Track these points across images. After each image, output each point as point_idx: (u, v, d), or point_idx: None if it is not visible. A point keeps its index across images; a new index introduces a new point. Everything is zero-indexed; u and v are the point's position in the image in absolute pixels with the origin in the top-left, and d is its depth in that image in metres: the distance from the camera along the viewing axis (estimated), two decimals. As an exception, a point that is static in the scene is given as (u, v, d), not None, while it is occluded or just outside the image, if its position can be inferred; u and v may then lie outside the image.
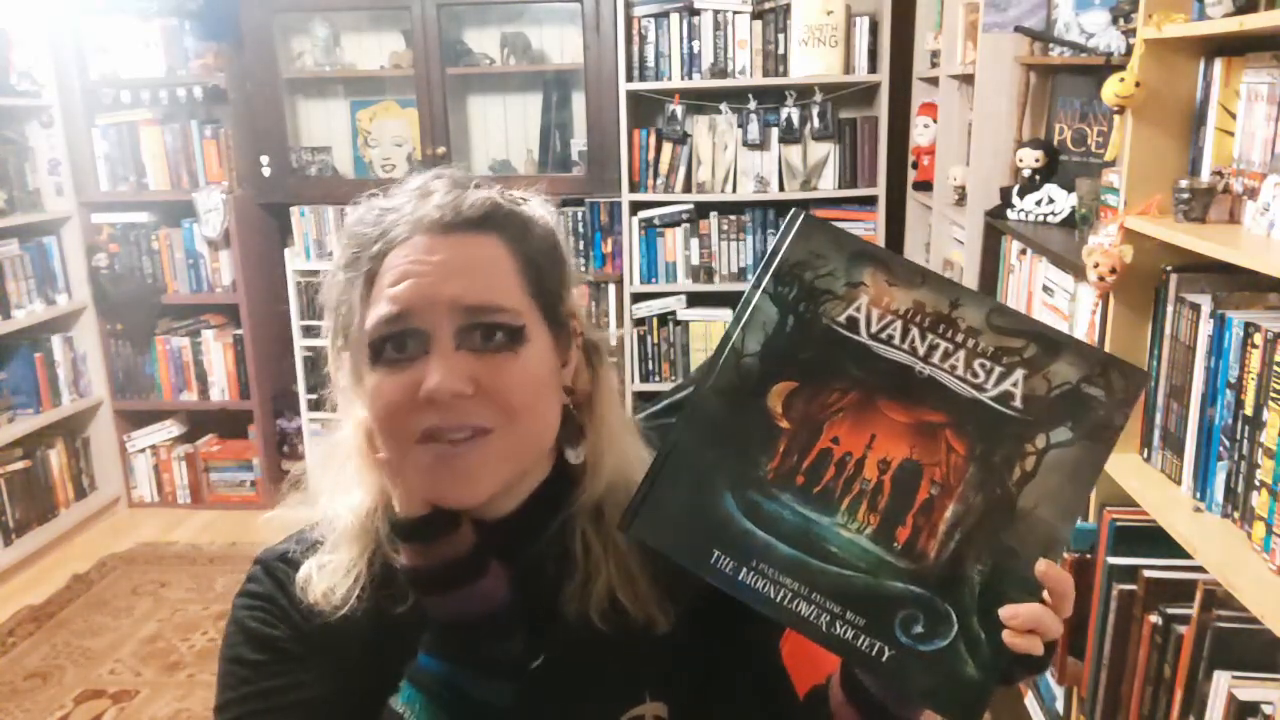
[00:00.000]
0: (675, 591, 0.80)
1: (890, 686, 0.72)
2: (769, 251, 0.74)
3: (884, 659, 0.68)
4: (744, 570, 0.69)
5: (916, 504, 0.69)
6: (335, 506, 0.81)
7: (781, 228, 0.74)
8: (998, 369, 0.70)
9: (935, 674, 0.67)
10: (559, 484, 0.81)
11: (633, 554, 0.80)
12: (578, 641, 0.79)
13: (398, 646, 0.76)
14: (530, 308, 0.76)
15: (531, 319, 0.75)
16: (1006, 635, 0.66)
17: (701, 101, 3.51)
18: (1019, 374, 0.70)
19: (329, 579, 0.78)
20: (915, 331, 0.71)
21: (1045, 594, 0.67)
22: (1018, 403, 0.69)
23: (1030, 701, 2.10)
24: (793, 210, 0.75)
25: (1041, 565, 0.67)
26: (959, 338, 0.71)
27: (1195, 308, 1.50)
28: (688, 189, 3.58)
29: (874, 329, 0.71)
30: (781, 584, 0.69)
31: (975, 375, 0.70)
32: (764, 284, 0.73)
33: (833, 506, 0.70)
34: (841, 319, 0.72)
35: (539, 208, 0.81)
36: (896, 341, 0.71)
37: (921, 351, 0.71)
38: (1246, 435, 1.36)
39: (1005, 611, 0.67)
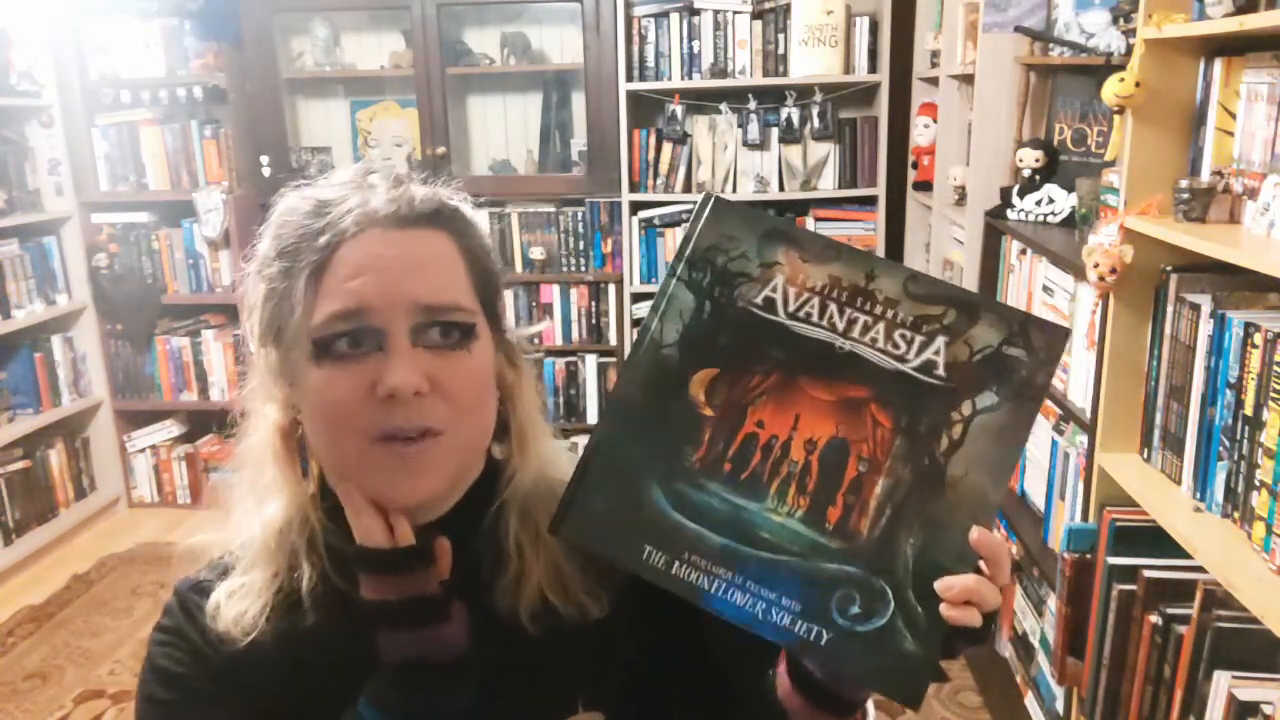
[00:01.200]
0: (606, 579, 0.79)
1: (831, 669, 0.71)
2: (682, 238, 0.73)
3: (823, 642, 0.67)
4: (676, 564, 0.69)
5: (845, 482, 0.68)
6: (250, 523, 0.78)
7: (693, 214, 0.73)
8: (918, 338, 0.69)
9: (875, 653, 0.67)
10: (489, 481, 0.81)
11: (560, 547, 0.78)
12: (508, 649, 0.77)
13: (312, 669, 0.75)
14: (477, 305, 0.75)
15: (479, 317, 0.75)
16: (943, 608, 0.65)
17: (701, 101, 3.51)
18: (940, 341, 0.69)
19: (239, 604, 0.76)
20: (833, 307, 0.70)
21: (981, 563, 0.66)
22: (941, 371, 0.69)
23: (1030, 701, 2.10)
24: (703, 194, 0.75)
25: (974, 533, 0.66)
26: (877, 309, 0.70)
27: (1195, 308, 1.50)
28: (688, 189, 3.58)
29: (791, 308, 0.71)
30: (714, 574, 0.68)
31: (896, 346, 0.69)
32: (678, 271, 0.72)
33: (761, 492, 0.69)
34: (758, 300, 0.71)
35: (469, 205, 0.79)
36: (815, 319, 0.70)
37: (841, 327, 0.70)
38: (1246, 435, 1.36)
39: (940, 584, 0.66)
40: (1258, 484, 1.32)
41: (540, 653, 0.77)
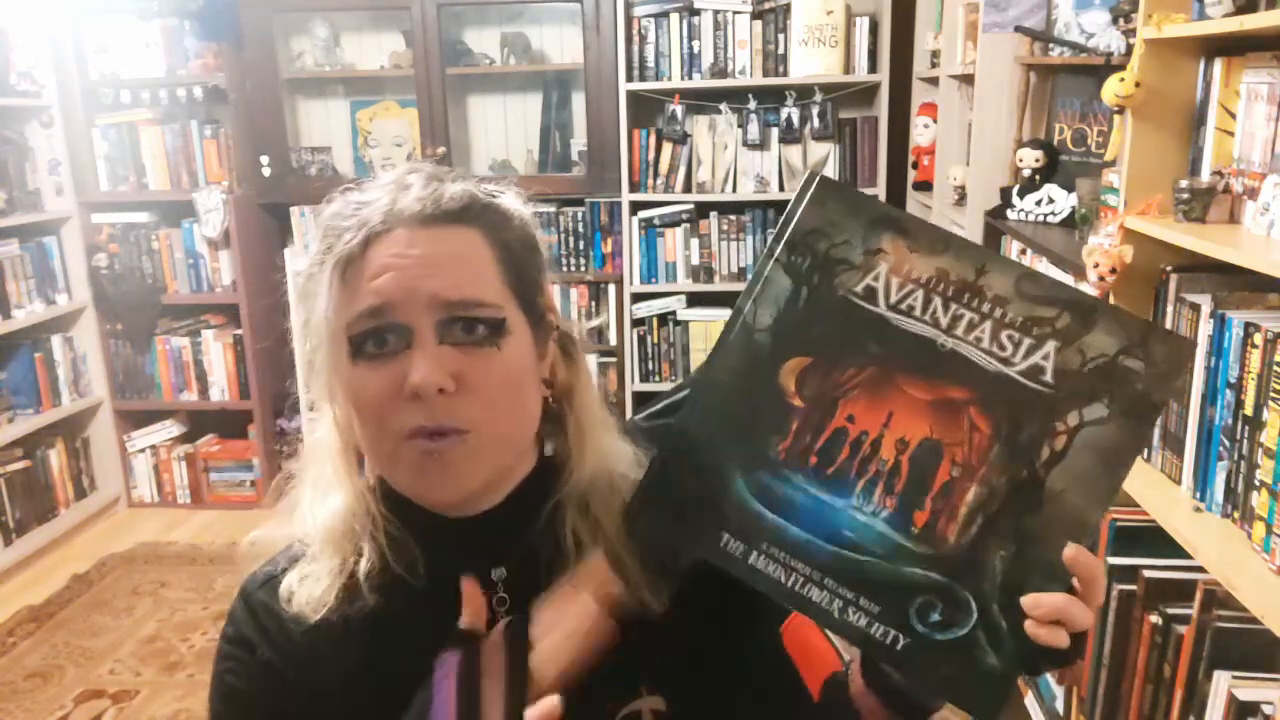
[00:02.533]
0: (667, 571, 0.79)
1: (906, 676, 0.69)
2: (782, 218, 0.70)
3: (899, 647, 0.65)
4: (754, 553, 0.67)
5: (936, 486, 0.66)
6: (314, 514, 0.80)
7: (796, 192, 0.69)
8: (1027, 341, 0.65)
9: (953, 664, 0.65)
10: (544, 477, 0.81)
11: (621, 540, 0.78)
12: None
13: (374, 655, 0.76)
14: (509, 300, 0.75)
15: (511, 311, 0.75)
16: (1029, 625, 0.63)
17: (701, 101, 3.51)
18: (1050, 346, 0.65)
19: (310, 588, 0.77)
20: (938, 301, 0.67)
21: (1074, 582, 0.64)
22: (1048, 377, 0.65)
23: (1030, 701, 2.09)
24: (808, 172, 0.71)
25: (1070, 551, 0.63)
26: (985, 307, 0.66)
27: (1195, 308, 1.50)
28: (688, 189, 3.58)
29: (893, 300, 0.67)
30: (793, 568, 0.67)
31: (1002, 348, 0.66)
32: (776, 253, 0.69)
33: (847, 488, 0.67)
34: (858, 289, 0.67)
35: (514, 199, 0.80)
36: (918, 313, 0.67)
37: (944, 323, 0.66)
38: (1246, 435, 1.36)
39: (1028, 600, 0.63)
40: (1258, 484, 1.32)
41: None
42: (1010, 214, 2.41)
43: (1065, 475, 0.65)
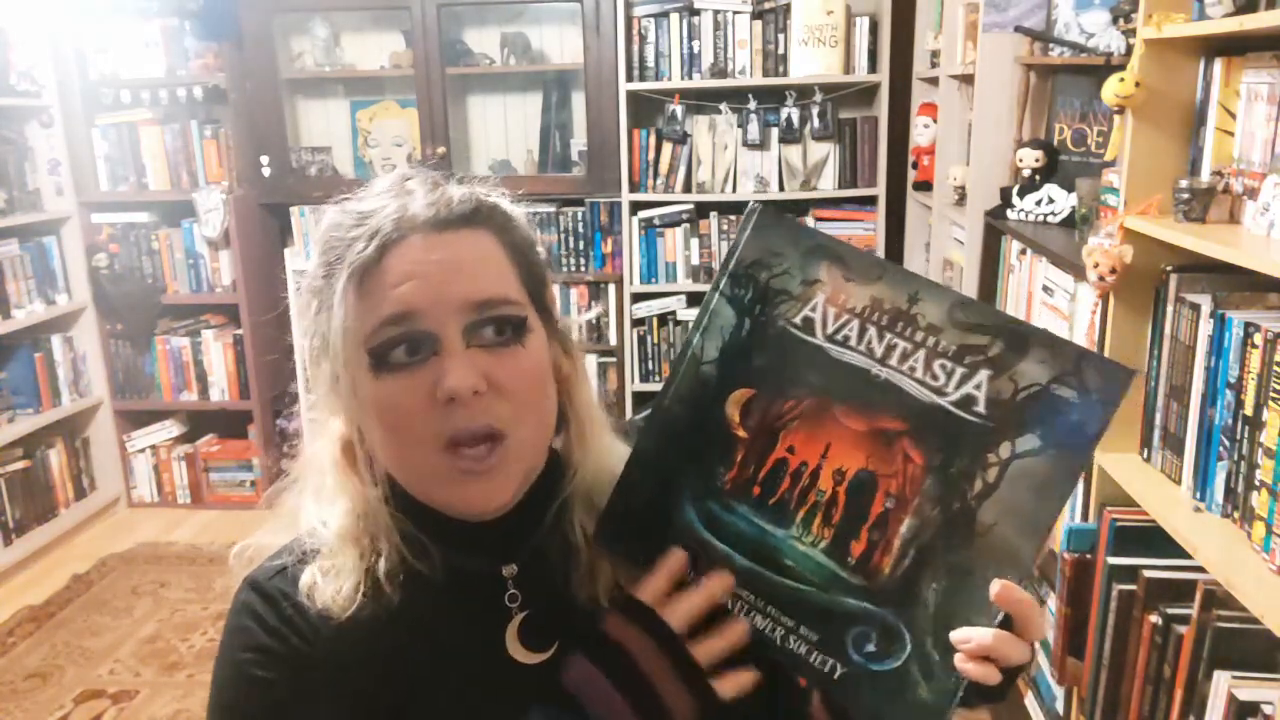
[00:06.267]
0: None
1: (843, 704, 0.69)
2: (727, 251, 0.71)
3: (836, 676, 0.66)
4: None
5: (871, 517, 0.66)
6: (323, 515, 0.79)
7: (739, 224, 0.71)
8: (960, 370, 0.64)
9: (886, 695, 0.65)
10: (551, 475, 0.81)
11: None
12: (594, 629, 0.78)
13: (402, 651, 0.75)
14: (526, 299, 0.76)
15: (529, 310, 0.75)
16: (958, 660, 0.63)
17: (701, 101, 3.51)
18: (982, 375, 0.63)
19: (335, 582, 0.76)
20: (873, 331, 0.66)
21: (1009, 617, 0.63)
22: (980, 408, 0.63)
23: (1030, 701, 2.10)
24: (749, 205, 0.71)
25: (995, 587, 0.62)
26: (918, 336, 0.65)
27: (1195, 308, 1.50)
28: (688, 189, 3.58)
29: (830, 330, 0.67)
30: (738, 595, 0.68)
31: (935, 378, 0.64)
32: (721, 286, 0.70)
33: (788, 518, 0.67)
34: (797, 320, 0.68)
35: (507, 200, 0.80)
36: (853, 343, 0.66)
37: (879, 353, 0.66)
38: (1246, 435, 1.36)
39: (956, 635, 0.63)
40: (1258, 484, 1.32)
41: None
42: (1010, 214, 2.41)
43: (997, 508, 0.63)
